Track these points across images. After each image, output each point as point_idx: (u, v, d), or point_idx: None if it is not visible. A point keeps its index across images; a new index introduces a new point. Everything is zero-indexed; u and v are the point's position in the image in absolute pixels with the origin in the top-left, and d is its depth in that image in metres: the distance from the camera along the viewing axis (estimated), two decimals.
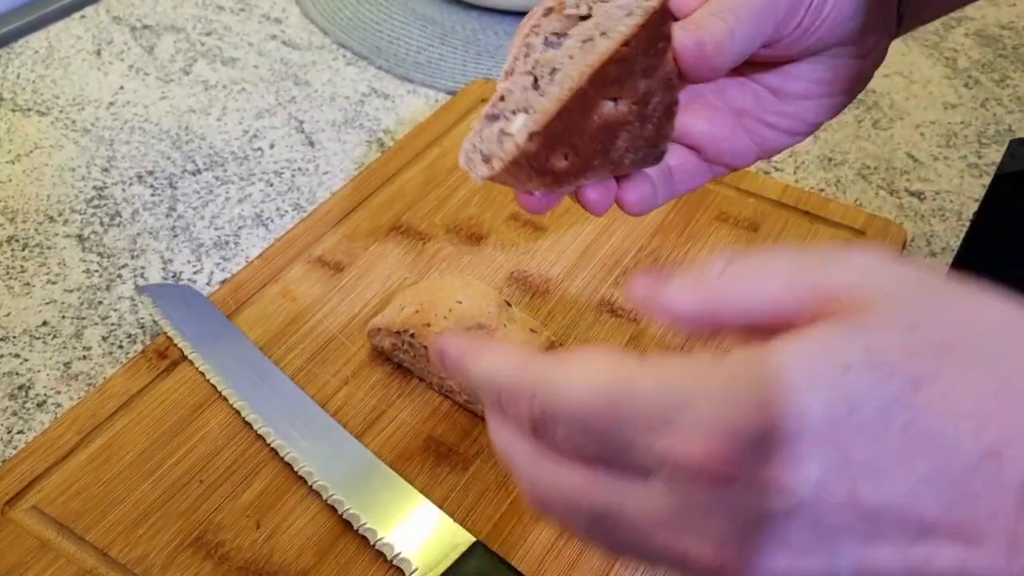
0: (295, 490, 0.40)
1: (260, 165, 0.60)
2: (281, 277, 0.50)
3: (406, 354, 0.44)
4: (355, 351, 0.46)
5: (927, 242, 0.54)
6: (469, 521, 0.39)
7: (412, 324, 0.43)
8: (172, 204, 0.57)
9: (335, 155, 0.60)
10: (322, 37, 0.71)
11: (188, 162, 0.60)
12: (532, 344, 0.42)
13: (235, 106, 0.65)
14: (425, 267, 0.50)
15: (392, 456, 0.42)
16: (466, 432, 0.42)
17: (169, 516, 0.40)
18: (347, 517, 0.39)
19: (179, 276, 0.53)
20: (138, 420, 0.43)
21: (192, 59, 0.69)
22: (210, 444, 0.42)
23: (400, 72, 0.66)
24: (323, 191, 0.58)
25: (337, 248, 0.51)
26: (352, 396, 0.44)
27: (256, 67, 0.68)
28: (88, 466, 0.41)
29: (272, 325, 0.47)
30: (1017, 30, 0.72)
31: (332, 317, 0.48)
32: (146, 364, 0.45)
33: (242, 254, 0.54)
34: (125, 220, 0.56)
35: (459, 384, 0.42)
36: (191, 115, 0.64)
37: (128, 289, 0.52)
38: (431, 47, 0.68)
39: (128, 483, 0.41)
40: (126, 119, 0.64)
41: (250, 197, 0.57)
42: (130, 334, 0.49)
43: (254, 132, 0.62)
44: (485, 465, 0.41)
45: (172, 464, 0.42)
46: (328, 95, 0.65)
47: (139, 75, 0.67)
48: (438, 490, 0.40)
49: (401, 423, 0.43)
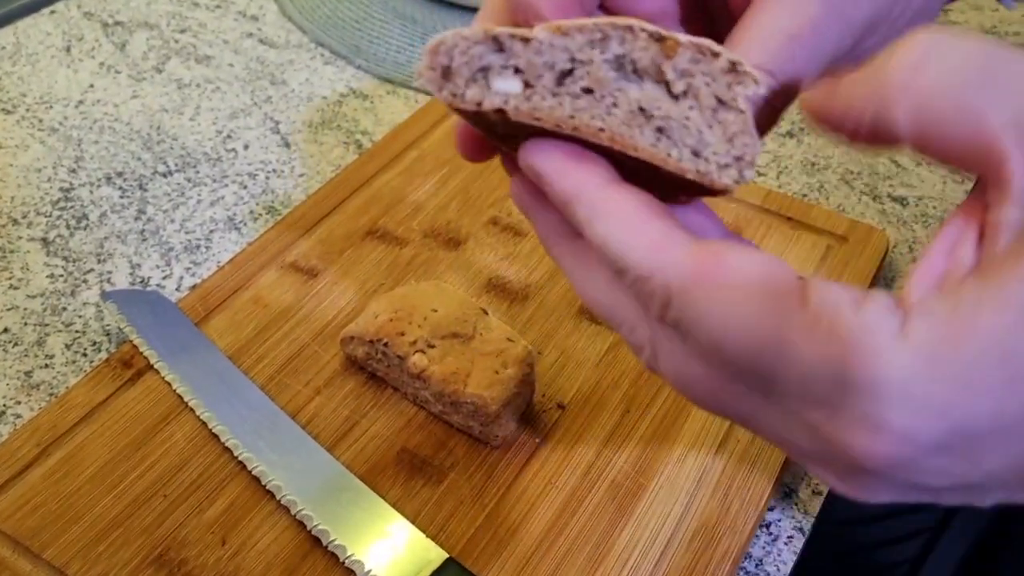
0: (263, 505, 0.39)
1: (234, 167, 0.58)
2: (253, 283, 0.48)
3: (380, 363, 0.43)
4: (328, 360, 0.45)
5: (909, 248, 0.54)
6: (442, 536, 0.38)
7: (386, 333, 0.41)
8: (141, 207, 0.56)
9: (311, 157, 0.59)
10: (300, 36, 0.69)
11: (159, 163, 0.59)
12: (509, 354, 0.41)
13: (209, 105, 0.63)
14: (401, 273, 0.49)
15: (364, 469, 0.40)
16: (441, 443, 0.41)
17: (131, 532, 0.38)
18: (316, 533, 0.38)
19: (147, 281, 0.51)
20: (100, 432, 0.42)
21: (165, 57, 0.67)
22: (175, 457, 0.41)
23: (379, 72, 0.65)
24: (298, 194, 0.56)
25: (311, 253, 0.50)
26: (324, 406, 0.43)
27: (231, 66, 0.67)
28: (47, 480, 0.40)
29: (242, 333, 0.46)
30: (1000, 35, 0.72)
31: (305, 325, 0.46)
32: (110, 373, 0.44)
33: (213, 259, 0.52)
34: (92, 223, 0.54)
35: (434, 394, 0.41)
36: (163, 114, 0.62)
37: (94, 295, 0.50)
38: (411, 47, 0.67)
39: (89, 498, 0.39)
40: (95, 118, 0.62)
41: (223, 200, 0.56)
42: (95, 342, 0.48)
43: (228, 132, 0.61)
44: (460, 478, 0.40)
45: (135, 478, 0.40)
46: (305, 95, 0.64)
47: (110, 73, 0.66)
48: (411, 504, 0.39)
49: (374, 435, 0.42)
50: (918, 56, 0.19)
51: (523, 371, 0.40)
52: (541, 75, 0.23)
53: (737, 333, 0.19)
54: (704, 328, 0.20)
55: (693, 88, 0.22)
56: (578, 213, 0.22)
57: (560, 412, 0.42)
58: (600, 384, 0.44)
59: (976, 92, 0.18)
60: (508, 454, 0.41)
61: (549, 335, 0.46)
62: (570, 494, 0.39)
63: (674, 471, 0.40)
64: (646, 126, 0.22)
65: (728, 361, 0.20)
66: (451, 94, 0.23)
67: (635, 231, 0.21)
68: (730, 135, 0.22)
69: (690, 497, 0.39)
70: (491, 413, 0.39)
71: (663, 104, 0.22)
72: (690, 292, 0.20)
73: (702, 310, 0.20)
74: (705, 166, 0.22)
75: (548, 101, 0.23)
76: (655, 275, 0.20)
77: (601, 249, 0.22)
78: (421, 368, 0.40)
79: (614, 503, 0.39)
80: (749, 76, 0.22)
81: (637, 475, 0.40)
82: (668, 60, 0.22)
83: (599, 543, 0.38)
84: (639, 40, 0.22)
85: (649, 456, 0.41)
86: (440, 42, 0.23)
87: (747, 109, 0.22)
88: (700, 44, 0.22)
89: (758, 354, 0.19)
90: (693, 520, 0.38)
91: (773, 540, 0.40)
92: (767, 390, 0.20)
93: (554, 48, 0.22)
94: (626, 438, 0.41)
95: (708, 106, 0.22)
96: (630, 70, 0.22)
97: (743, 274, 0.19)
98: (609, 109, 0.22)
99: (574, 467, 0.40)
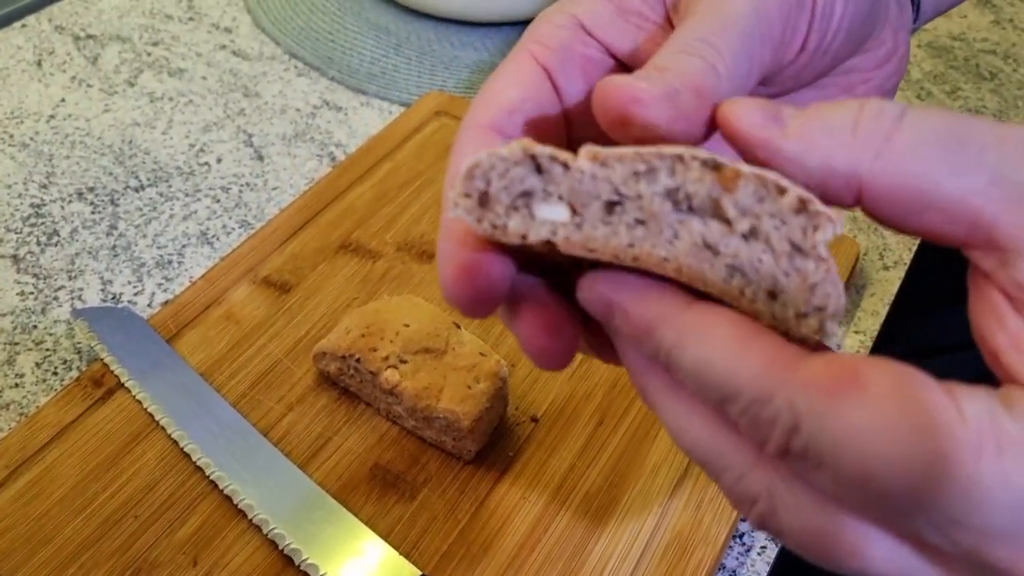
0: (235, 524, 0.39)
1: (207, 180, 0.58)
2: (225, 299, 0.48)
3: (352, 379, 0.43)
4: (300, 376, 0.44)
5: (880, 255, 0.54)
6: (416, 553, 0.38)
7: (358, 348, 0.41)
8: (113, 222, 0.55)
9: (285, 170, 0.59)
10: (273, 47, 0.69)
11: (131, 178, 0.58)
12: (481, 369, 0.41)
13: (181, 119, 0.63)
14: (374, 287, 0.49)
15: (337, 486, 0.40)
16: (414, 459, 0.41)
17: (101, 554, 0.38)
18: (289, 552, 0.37)
19: (119, 298, 0.51)
20: (71, 452, 0.41)
21: (138, 70, 0.67)
22: (146, 477, 0.40)
23: (353, 83, 0.65)
24: (272, 207, 0.56)
25: (284, 268, 0.50)
26: (297, 423, 0.43)
27: (204, 78, 0.66)
28: (16, 502, 0.40)
29: (214, 349, 0.46)
30: (968, 41, 0.72)
31: (277, 341, 0.46)
32: (80, 392, 0.44)
33: (186, 274, 0.52)
34: (63, 239, 0.54)
35: (407, 410, 0.41)
36: (135, 128, 0.62)
37: (64, 312, 0.50)
38: (385, 58, 0.67)
39: (58, 520, 0.39)
40: (67, 133, 0.61)
41: (195, 214, 0.56)
42: (66, 360, 0.47)
43: (201, 146, 0.61)
44: (433, 493, 0.40)
45: (106, 499, 0.40)
46: (279, 107, 0.64)
47: (81, 87, 0.65)
48: (384, 521, 0.39)
49: (347, 451, 0.41)
50: (889, 125, 0.18)
51: (496, 385, 0.40)
52: (587, 204, 0.20)
53: (891, 459, 0.16)
54: (846, 456, 0.16)
55: (762, 232, 0.19)
56: (665, 340, 0.19)
57: (533, 425, 0.42)
58: (573, 396, 0.44)
59: (950, 163, 0.18)
60: (481, 469, 0.41)
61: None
62: (543, 508, 0.39)
63: (647, 483, 0.40)
64: (716, 261, 0.19)
65: (877, 495, 0.17)
66: (491, 225, 0.20)
67: (741, 349, 0.18)
68: (810, 285, 0.19)
69: (663, 508, 0.39)
70: (464, 428, 0.39)
71: (731, 243, 0.19)
72: (824, 412, 0.17)
73: (841, 432, 0.16)
74: (782, 312, 0.19)
75: (601, 230, 0.20)
76: (776, 396, 0.17)
77: (698, 378, 0.19)
78: (393, 383, 0.40)
79: (587, 516, 0.39)
80: (824, 217, 0.18)
81: (610, 488, 0.40)
82: (728, 194, 0.19)
83: (572, 556, 0.38)
84: (691, 171, 0.19)
85: (622, 468, 0.41)
86: (475, 164, 0.20)
87: (829, 258, 0.19)
88: (763, 177, 0.19)
89: (920, 482, 0.16)
90: (666, 532, 0.38)
91: (747, 551, 0.40)
92: (928, 528, 0.17)
93: (596, 180, 0.20)
94: (599, 450, 0.41)
95: (782, 252, 0.19)
96: (685, 205, 0.19)
97: (885, 385, 0.16)
98: (672, 241, 0.19)
99: (547, 480, 0.40)
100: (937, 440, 0.16)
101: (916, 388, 0.16)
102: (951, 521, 0.16)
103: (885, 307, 0.52)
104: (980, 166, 0.17)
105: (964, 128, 0.18)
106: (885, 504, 0.17)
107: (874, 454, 0.16)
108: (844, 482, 0.17)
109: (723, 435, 0.19)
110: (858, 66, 0.27)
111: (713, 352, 0.18)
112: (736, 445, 0.19)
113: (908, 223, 0.18)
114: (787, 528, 0.19)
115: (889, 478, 0.16)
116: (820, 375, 0.17)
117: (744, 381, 0.18)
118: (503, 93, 0.23)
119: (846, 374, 0.17)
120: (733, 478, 0.19)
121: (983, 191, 0.17)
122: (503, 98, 0.23)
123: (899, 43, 0.27)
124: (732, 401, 0.18)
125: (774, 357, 0.18)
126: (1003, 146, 0.18)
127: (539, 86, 0.24)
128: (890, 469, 0.16)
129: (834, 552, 0.18)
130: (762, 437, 0.18)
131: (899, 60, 0.28)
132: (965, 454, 0.16)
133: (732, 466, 0.19)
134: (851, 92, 0.27)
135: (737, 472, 0.19)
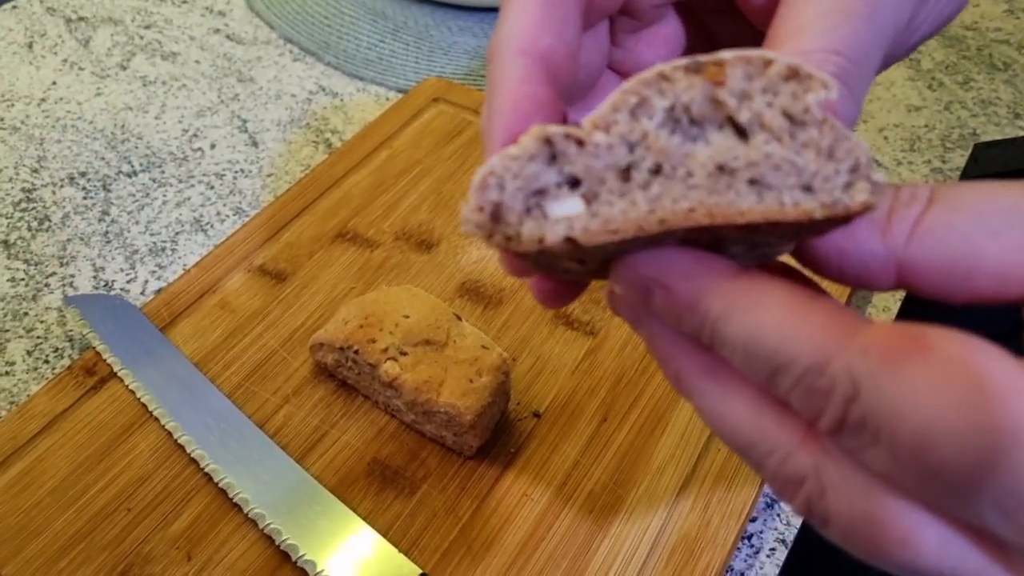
0: (230, 518, 0.38)
1: (200, 166, 0.57)
2: (219, 287, 0.47)
3: (350, 371, 0.42)
4: (297, 367, 0.43)
5: None
6: (415, 550, 0.37)
7: (356, 339, 0.40)
8: (105, 208, 0.54)
9: (280, 156, 0.58)
10: (268, 32, 0.68)
11: (123, 163, 0.57)
12: (483, 362, 0.40)
13: (175, 104, 0.61)
14: (372, 277, 0.48)
15: (335, 480, 0.39)
16: (413, 454, 0.40)
17: (93, 548, 0.37)
18: (285, 548, 0.36)
19: (111, 285, 0.49)
20: (62, 443, 0.40)
21: (130, 53, 0.65)
22: (139, 469, 0.39)
23: (349, 69, 0.63)
24: (267, 194, 0.55)
25: (279, 256, 0.49)
26: (293, 415, 0.42)
27: (198, 62, 0.65)
28: (6, 493, 0.39)
29: (209, 339, 0.45)
30: (980, 31, 0.71)
31: (273, 330, 0.45)
32: (72, 381, 0.42)
33: (179, 262, 0.51)
34: (55, 225, 0.53)
35: (406, 403, 0.40)
36: (128, 113, 0.60)
37: (56, 299, 0.49)
38: (382, 43, 0.65)
39: (49, 512, 0.38)
40: (58, 116, 0.60)
41: (189, 201, 0.54)
42: (57, 348, 0.46)
43: (194, 131, 0.59)
44: (433, 489, 0.39)
45: (98, 491, 0.39)
46: (273, 93, 0.62)
47: (73, 70, 0.64)
48: (383, 517, 0.38)
49: (345, 444, 0.41)
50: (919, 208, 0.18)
51: (498, 379, 0.39)
52: (604, 179, 0.19)
53: (955, 429, 0.15)
54: (907, 425, 0.16)
55: (758, 116, 0.18)
56: (712, 310, 0.18)
57: (536, 421, 0.42)
58: (577, 391, 0.43)
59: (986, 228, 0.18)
60: (483, 465, 0.40)
61: (524, 340, 0.45)
62: (546, 506, 0.38)
63: (653, 482, 0.39)
64: (737, 185, 0.18)
65: (937, 470, 0.16)
66: (505, 237, 0.19)
67: (796, 315, 0.17)
68: (827, 150, 0.18)
69: (670, 509, 0.38)
70: (465, 423, 0.38)
71: (738, 151, 0.18)
72: (884, 378, 0.16)
73: (904, 400, 0.16)
74: (828, 197, 0.18)
75: (618, 205, 0.19)
76: (834, 363, 0.16)
77: (748, 348, 0.18)
78: (393, 376, 0.39)
79: (591, 515, 0.38)
80: (815, 79, 0.18)
81: (615, 487, 0.39)
82: (721, 88, 0.18)
83: (576, 558, 0.37)
84: (679, 82, 0.19)
85: (627, 467, 0.40)
86: (488, 173, 0.19)
87: (828, 116, 0.18)
88: (747, 55, 0.18)
89: (986, 457, 0.15)
90: (673, 533, 0.38)
91: (755, 552, 0.39)
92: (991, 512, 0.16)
93: (613, 147, 0.19)
94: (604, 448, 0.41)
95: (783, 130, 0.18)
96: (687, 123, 0.19)
97: (953, 352, 0.16)
98: (687, 182, 0.18)
99: (550, 478, 0.39)
100: (1005, 412, 0.15)
101: (984, 357, 0.15)
102: (1017, 502, 0.15)
103: (897, 303, 0.51)
104: (1019, 224, 0.17)
105: (996, 193, 0.18)
106: (944, 481, 0.16)
107: (936, 423, 0.15)
108: (902, 456, 0.16)
109: (768, 415, 0.19)
110: None
111: (765, 319, 0.17)
112: (781, 424, 0.18)
113: (958, 293, 0.18)
114: (834, 512, 0.18)
115: (950, 450, 0.15)
116: (882, 340, 0.16)
117: (799, 348, 0.17)
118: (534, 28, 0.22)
119: (910, 339, 0.16)
120: (779, 459, 0.18)
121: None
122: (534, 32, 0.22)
123: None
124: (785, 371, 0.17)
125: (832, 322, 0.17)
126: None
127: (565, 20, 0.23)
128: (952, 440, 0.15)
129: (883, 541, 0.17)
130: (816, 410, 0.17)
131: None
132: None
133: (778, 447, 0.18)
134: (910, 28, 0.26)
135: (783, 452, 0.18)
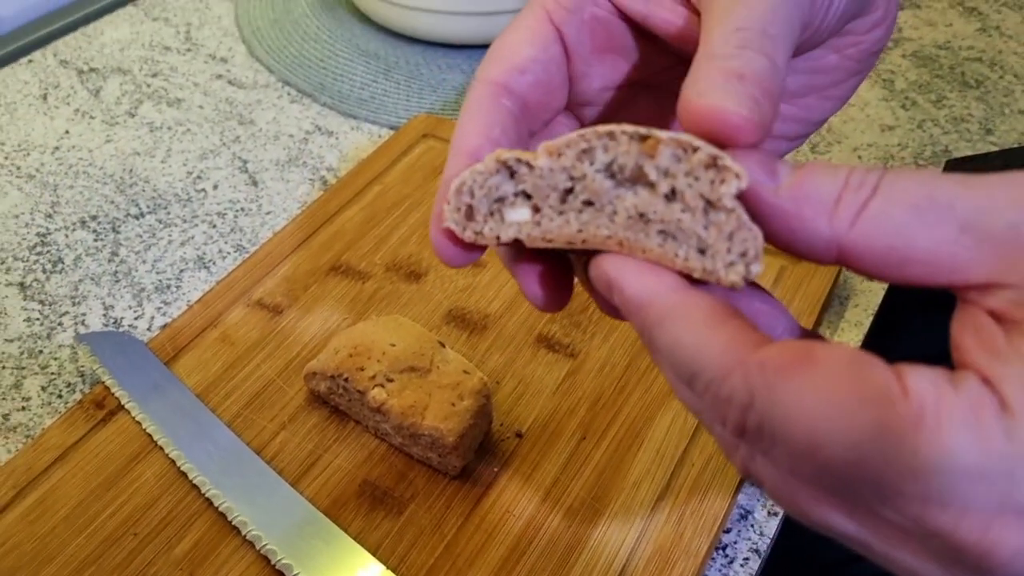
0: (229, 540, 0.40)
1: (203, 206, 0.60)
2: (220, 321, 0.50)
3: (341, 398, 0.44)
4: (292, 395, 0.46)
5: None
6: (403, 567, 0.39)
7: (346, 368, 0.43)
8: (115, 249, 0.57)
9: (278, 194, 0.61)
10: (267, 75, 0.71)
11: (132, 205, 0.60)
12: (465, 386, 0.42)
13: (179, 147, 0.65)
14: (364, 307, 0.50)
15: (328, 502, 0.42)
16: (401, 475, 0.42)
17: (102, 571, 0.39)
18: (280, 567, 0.39)
19: (120, 322, 0.52)
20: (74, 472, 0.43)
21: (138, 101, 0.69)
22: (145, 495, 0.42)
23: (344, 108, 0.67)
24: (266, 231, 0.58)
25: (276, 290, 0.52)
26: (288, 441, 0.44)
27: (201, 107, 0.68)
28: (22, 521, 0.41)
29: (210, 371, 0.47)
30: (953, 50, 0.73)
31: (270, 361, 0.48)
32: (83, 415, 0.45)
33: (184, 298, 0.54)
34: (67, 266, 0.56)
35: (393, 427, 0.42)
36: (135, 157, 0.64)
37: (69, 337, 0.52)
38: (375, 83, 0.69)
39: (62, 538, 0.41)
40: (71, 164, 0.64)
41: (192, 239, 0.57)
42: (70, 383, 0.49)
43: (198, 173, 0.63)
44: (420, 508, 0.41)
45: (107, 517, 0.41)
46: (272, 134, 0.66)
47: (84, 119, 0.67)
48: (372, 536, 0.40)
49: (337, 468, 0.43)
50: (866, 194, 0.19)
51: (479, 402, 0.42)
52: (547, 196, 0.24)
53: (836, 430, 0.17)
54: (796, 429, 0.17)
55: (678, 191, 0.22)
56: (649, 318, 0.21)
57: (518, 441, 0.44)
58: (557, 412, 0.45)
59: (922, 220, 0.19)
60: (467, 484, 0.42)
61: (507, 364, 0.47)
62: (527, 522, 0.40)
63: (629, 496, 0.41)
64: (649, 230, 0.22)
65: (825, 466, 0.17)
66: (474, 232, 0.25)
67: (709, 330, 0.19)
68: (727, 233, 0.21)
69: (645, 522, 0.40)
70: (448, 444, 0.40)
71: (658, 208, 0.22)
72: (775, 388, 0.18)
73: (792, 407, 0.17)
74: (712, 264, 0.21)
75: (556, 221, 0.23)
76: (733, 374, 0.18)
77: (670, 356, 0.20)
78: (380, 402, 0.42)
79: (571, 529, 0.40)
80: (730, 172, 0.21)
81: (593, 501, 0.41)
82: (651, 160, 0.22)
83: (556, 569, 0.39)
84: (620, 145, 0.22)
85: (605, 482, 0.42)
86: (462, 182, 0.24)
87: (735, 207, 0.21)
88: (680, 140, 0.22)
89: (864, 453, 0.17)
90: (648, 544, 0.40)
91: (729, 562, 0.41)
92: (875, 499, 0.17)
93: (554, 172, 0.23)
94: (582, 465, 0.43)
95: (697, 208, 0.22)
96: (620, 177, 0.23)
97: (833, 364, 0.17)
98: (611, 217, 0.23)
99: (531, 495, 0.41)
100: (879, 412, 0.17)
101: (863, 366, 0.17)
102: (896, 492, 0.17)
103: (868, 318, 0.53)
104: (950, 218, 0.19)
105: (934, 186, 0.19)
106: (835, 475, 0.17)
107: (821, 426, 0.17)
108: (796, 455, 0.18)
109: None
110: (853, 29, 0.28)
111: (684, 331, 0.20)
112: None
113: (892, 277, 0.20)
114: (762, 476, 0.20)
115: (835, 449, 0.17)
116: (776, 355, 0.18)
117: (706, 359, 0.19)
118: (517, 51, 0.26)
119: (801, 354, 0.18)
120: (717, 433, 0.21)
121: (955, 240, 0.19)
122: (517, 56, 0.26)
123: (890, 9, 0.29)
124: (696, 379, 0.19)
125: (737, 339, 0.19)
126: (970, 197, 0.19)
127: (550, 46, 0.26)
128: (836, 440, 0.17)
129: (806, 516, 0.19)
130: (721, 416, 0.19)
131: (888, 25, 0.29)
132: (905, 425, 0.17)
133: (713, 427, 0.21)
134: (841, 53, 0.28)
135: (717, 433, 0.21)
